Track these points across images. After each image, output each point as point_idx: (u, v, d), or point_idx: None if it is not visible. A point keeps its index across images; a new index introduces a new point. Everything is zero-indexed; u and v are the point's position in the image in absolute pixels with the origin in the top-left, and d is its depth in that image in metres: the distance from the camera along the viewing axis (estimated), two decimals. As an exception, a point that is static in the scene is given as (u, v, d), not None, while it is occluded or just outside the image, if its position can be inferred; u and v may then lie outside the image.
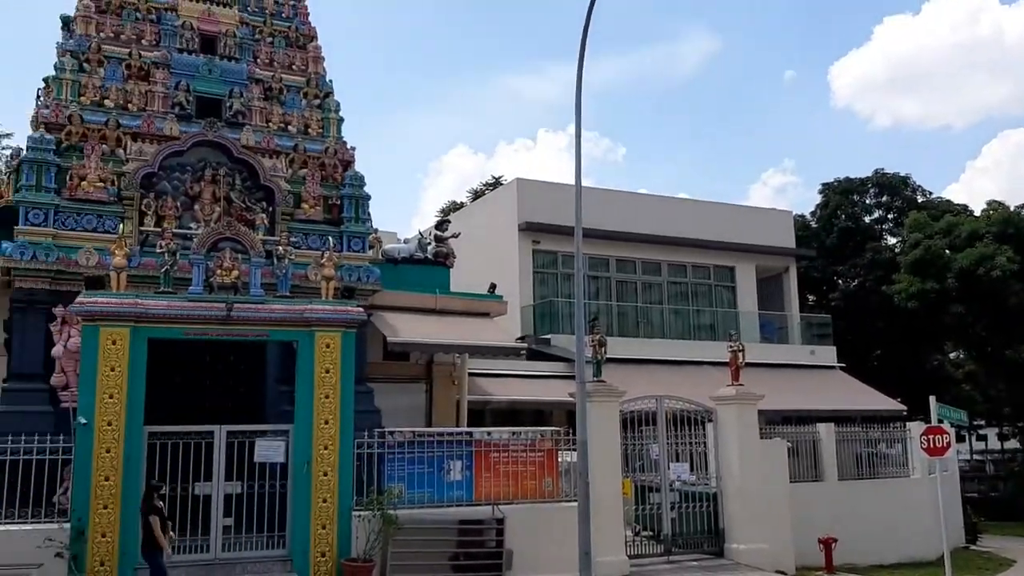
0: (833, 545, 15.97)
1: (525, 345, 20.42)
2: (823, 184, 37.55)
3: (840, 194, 36.59)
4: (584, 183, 12.96)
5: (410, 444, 13.21)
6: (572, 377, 14.26)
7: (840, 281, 35.91)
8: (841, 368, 27.39)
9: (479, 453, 13.55)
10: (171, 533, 11.00)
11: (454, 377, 19.02)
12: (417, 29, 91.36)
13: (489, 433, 14.16)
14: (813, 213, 37.45)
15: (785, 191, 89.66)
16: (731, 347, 16.16)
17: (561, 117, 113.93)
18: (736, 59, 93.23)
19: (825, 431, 17.94)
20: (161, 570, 10.70)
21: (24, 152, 14.16)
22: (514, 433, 14.19)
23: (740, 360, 16.01)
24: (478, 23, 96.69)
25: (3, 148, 33.74)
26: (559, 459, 14.02)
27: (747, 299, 27.42)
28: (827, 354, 27.42)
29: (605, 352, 14.87)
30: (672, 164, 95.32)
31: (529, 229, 24.33)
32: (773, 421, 19.46)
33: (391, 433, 13.24)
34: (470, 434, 14.00)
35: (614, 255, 25.60)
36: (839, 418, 19.72)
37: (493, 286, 19.96)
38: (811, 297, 36.57)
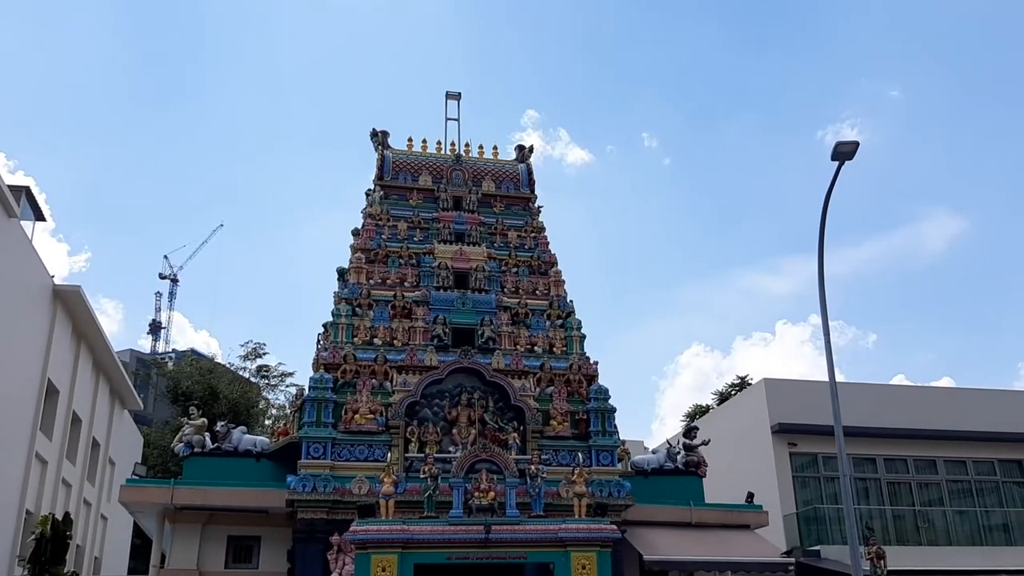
0: None
1: (792, 560, 18.91)
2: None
3: None
4: (836, 377, 12.42)
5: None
6: (850, 595, 13.00)
7: None
8: None
9: None
10: None
11: (717, 596, 17.89)
12: (648, 238, 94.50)
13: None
14: (1114, 391, 33.07)
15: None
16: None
17: (800, 309, 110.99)
18: (986, 234, 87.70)
19: None
20: None
21: (306, 392, 15.82)
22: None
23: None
24: (708, 227, 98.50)
25: (288, 385, 37.97)
26: None
27: (1044, 495, 24.12)
28: None
29: (885, 565, 13.53)
30: (928, 349, 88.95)
31: (783, 431, 23.22)
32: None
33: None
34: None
35: (881, 454, 23.66)
36: None
37: (751, 495, 18.96)
38: None
